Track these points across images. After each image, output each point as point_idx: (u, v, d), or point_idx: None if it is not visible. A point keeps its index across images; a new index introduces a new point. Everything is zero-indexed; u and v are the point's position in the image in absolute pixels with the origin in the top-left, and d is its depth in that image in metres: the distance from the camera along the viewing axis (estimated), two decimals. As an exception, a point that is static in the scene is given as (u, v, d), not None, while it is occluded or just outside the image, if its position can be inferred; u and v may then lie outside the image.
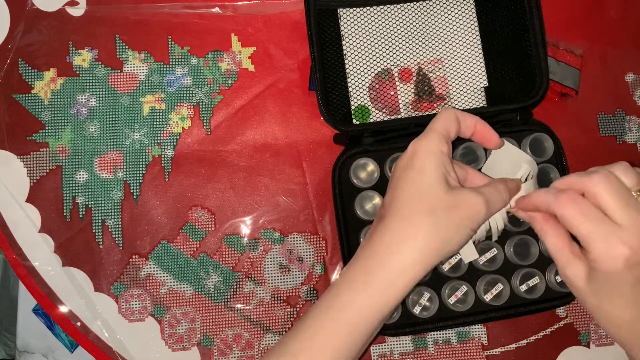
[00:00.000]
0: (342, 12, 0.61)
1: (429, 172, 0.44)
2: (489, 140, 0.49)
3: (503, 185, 0.47)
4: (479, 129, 0.48)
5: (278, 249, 0.60)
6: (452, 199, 0.43)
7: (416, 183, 0.44)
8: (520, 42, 0.60)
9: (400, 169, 0.45)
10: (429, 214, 0.43)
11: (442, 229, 0.43)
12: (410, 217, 0.43)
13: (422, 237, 0.42)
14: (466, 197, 0.44)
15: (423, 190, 0.43)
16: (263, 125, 0.62)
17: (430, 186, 0.43)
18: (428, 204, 0.43)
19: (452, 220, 0.43)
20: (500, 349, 0.61)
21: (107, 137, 0.60)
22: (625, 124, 0.66)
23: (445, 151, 0.45)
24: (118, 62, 0.61)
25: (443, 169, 0.44)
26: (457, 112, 0.47)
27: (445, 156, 0.45)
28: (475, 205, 0.44)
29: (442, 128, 0.46)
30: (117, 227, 0.59)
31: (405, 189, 0.44)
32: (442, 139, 0.45)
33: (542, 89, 0.58)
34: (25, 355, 0.65)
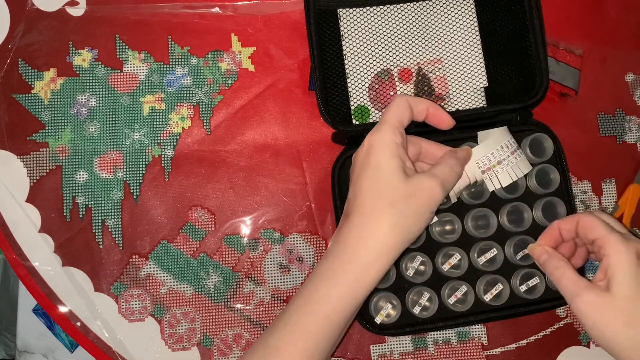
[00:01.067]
0: (341, 13, 0.61)
1: (384, 166, 0.47)
2: (442, 121, 0.51)
3: (454, 160, 0.50)
4: (432, 112, 0.51)
5: (278, 249, 0.60)
6: (409, 188, 0.46)
7: (374, 178, 0.47)
8: (520, 42, 0.60)
9: (359, 166, 0.48)
10: (389, 207, 0.46)
11: (403, 219, 0.46)
12: (372, 213, 0.46)
13: (385, 230, 0.46)
14: (421, 183, 0.47)
15: (381, 186, 0.46)
16: (263, 125, 0.62)
17: (387, 180, 0.46)
18: (387, 198, 0.46)
19: (411, 208, 0.46)
20: (500, 349, 0.61)
21: (107, 137, 0.60)
22: (625, 124, 0.66)
23: (399, 142, 0.48)
24: (118, 62, 0.61)
25: (398, 160, 0.47)
26: (409, 99, 0.50)
27: (399, 147, 0.47)
28: (431, 189, 0.47)
29: (394, 119, 0.48)
30: (117, 227, 0.59)
31: (365, 185, 0.47)
32: (396, 130, 0.48)
33: (542, 89, 0.58)
34: (25, 355, 0.65)
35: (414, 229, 0.47)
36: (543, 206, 0.59)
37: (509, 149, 0.54)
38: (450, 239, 0.58)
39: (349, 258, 0.46)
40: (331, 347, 0.47)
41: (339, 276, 0.46)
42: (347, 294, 0.46)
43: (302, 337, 0.46)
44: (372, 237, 0.46)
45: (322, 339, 0.46)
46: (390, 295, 0.57)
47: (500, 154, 0.54)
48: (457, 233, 0.58)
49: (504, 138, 0.55)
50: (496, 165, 0.54)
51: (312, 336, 0.46)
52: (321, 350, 0.46)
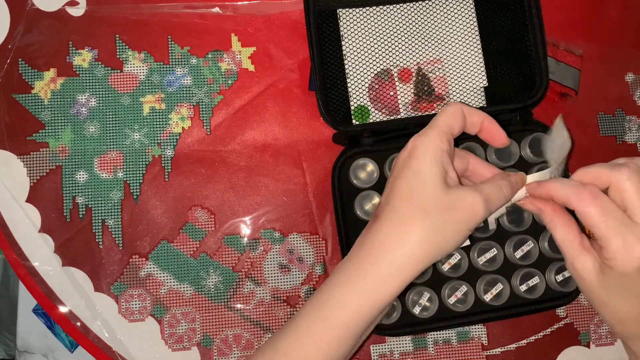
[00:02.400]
0: (341, 13, 0.61)
1: (425, 172, 0.43)
2: (496, 138, 0.47)
3: (505, 181, 0.45)
4: (486, 126, 0.46)
5: (278, 249, 0.60)
6: (449, 199, 0.42)
7: (412, 184, 0.43)
8: (520, 42, 0.60)
9: (399, 167, 0.44)
10: (423, 216, 0.42)
11: (437, 232, 0.42)
12: (404, 219, 0.42)
13: (416, 240, 0.42)
14: (463, 197, 0.42)
15: (418, 192, 0.42)
16: (263, 125, 0.62)
17: (425, 188, 0.42)
18: (423, 206, 0.42)
19: (448, 221, 0.42)
20: (500, 349, 0.61)
21: (107, 137, 0.60)
22: (625, 124, 0.66)
23: (445, 149, 0.43)
24: (118, 62, 0.61)
25: (441, 168, 0.43)
26: (464, 107, 0.45)
27: (444, 155, 0.43)
28: (473, 205, 0.42)
29: (445, 124, 0.44)
30: (117, 227, 0.59)
31: (401, 189, 0.43)
32: (444, 136, 0.44)
33: (542, 89, 0.58)
34: (25, 355, 0.65)
35: (447, 245, 0.43)
36: None
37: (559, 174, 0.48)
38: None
39: (371, 265, 0.42)
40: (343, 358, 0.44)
41: (358, 283, 0.42)
42: (365, 303, 0.42)
43: (313, 345, 0.42)
44: (400, 246, 0.42)
45: (334, 348, 0.42)
46: (390, 295, 0.57)
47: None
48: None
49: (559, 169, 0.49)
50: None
51: (324, 344, 0.42)
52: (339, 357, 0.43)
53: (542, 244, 0.58)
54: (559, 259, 0.58)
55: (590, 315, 0.62)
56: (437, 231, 0.42)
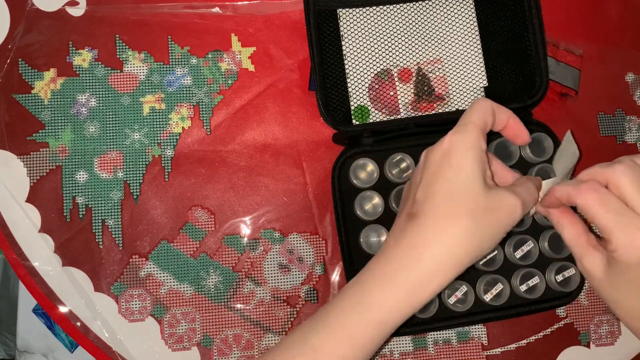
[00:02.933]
0: (341, 13, 0.61)
1: (467, 171, 0.42)
2: (519, 136, 0.47)
3: (532, 184, 0.46)
4: (511, 124, 0.46)
5: (278, 249, 0.60)
6: (490, 200, 0.42)
7: (453, 183, 0.42)
8: (520, 42, 0.60)
9: (436, 164, 0.43)
10: (467, 216, 0.41)
11: (479, 232, 0.41)
12: (446, 219, 0.41)
13: (459, 240, 0.41)
14: (504, 198, 0.42)
15: (461, 191, 0.42)
16: (263, 125, 0.62)
17: (468, 187, 0.42)
18: (466, 205, 0.41)
19: (490, 222, 0.42)
20: (500, 349, 0.61)
21: (107, 137, 0.60)
22: (625, 124, 0.66)
23: (484, 147, 0.43)
24: (118, 62, 0.61)
25: (482, 167, 0.42)
26: (493, 104, 0.45)
27: (483, 153, 0.43)
28: (513, 207, 0.42)
29: (480, 120, 0.43)
30: (117, 227, 0.59)
31: (441, 187, 0.42)
32: (481, 133, 0.43)
33: (542, 89, 0.58)
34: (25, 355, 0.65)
35: (487, 246, 0.42)
36: None
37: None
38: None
39: (413, 264, 0.41)
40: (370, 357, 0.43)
41: (398, 283, 0.42)
42: (404, 303, 0.42)
43: (346, 343, 0.42)
44: (443, 244, 0.41)
45: (366, 348, 0.42)
46: (390, 295, 0.57)
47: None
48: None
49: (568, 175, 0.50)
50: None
51: (358, 343, 0.42)
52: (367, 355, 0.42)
53: (542, 244, 0.58)
54: (559, 259, 0.58)
55: (590, 315, 0.62)
56: (479, 232, 0.41)
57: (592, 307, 0.63)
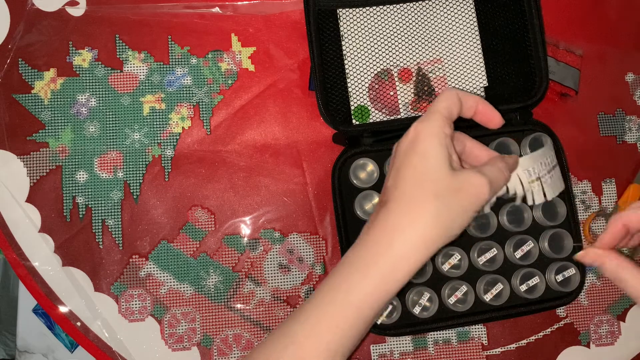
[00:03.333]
0: (341, 12, 0.61)
1: (432, 156, 0.43)
2: (491, 120, 0.48)
3: (503, 163, 0.47)
4: (481, 109, 0.48)
5: (278, 249, 0.60)
6: (456, 181, 0.43)
7: (419, 168, 0.43)
8: (520, 42, 0.60)
9: (403, 153, 0.45)
10: (433, 198, 0.42)
11: (446, 212, 0.43)
12: (414, 202, 0.43)
13: (427, 222, 0.42)
14: (470, 178, 0.43)
15: (427, 175, 0.43)
16: (263, 125, 0.62)
17: (434, 170, 0.43)
18: (432, 188, 0.43)
19: (457, 203, 0.43)
20: (500, 349, 0.61)
21: (107, 137, 0.60)
22: (625, 124, 0.66)
23: (449, 133, 0.44)
24: (118, 62, 0.61)
25: (446, 152, 0.44)
26: (459, 92, 0.47)
27: (448, 138, 0.44)
28: (479, 187, 0.43)
29: (444, 109, 0.45)
30: (117, 227, 0.59)
31: (408, 173, 0.44)
32: (445, 120, 0.45)
33: (542, 89, 0.58)
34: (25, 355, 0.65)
35: (456, 225, 0.43)
36: (543, 206, 0.59)
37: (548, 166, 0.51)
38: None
39: (385, 248, 0.43)
40: (354, 344, 0.44)
41: (372, 266, 0.43)
42: (380, 286, 0.43)
43: (328, 330, 0.42)
44: (412, 227, 0.42)
45: (348, 333, 0.43)
46: (390, 295, 0.57)
47: (540, 169, 0.50)
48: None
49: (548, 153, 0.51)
50: (535, 180, 0.50)
51: (339, 329, 0.42)
52: (345, 345, 0.43)
53: (542, 244, 0.58)
54: (559, 259, 0.58)
55: (590, 315, 0.62)
56: (447, 213, 0.43)
57: (592, 307, 0.63)
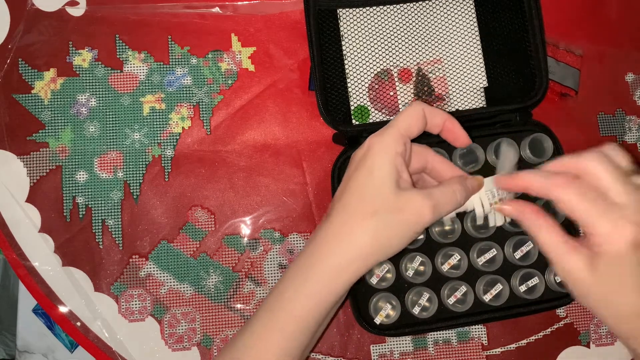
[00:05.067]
0: (341, 12, 0.61)
1: (378, 172, 0.44)
2: (458, 138, 0.48)
3: (459, 186, 0.46)
4: (448, 127, 0.47)
5: (278, 249, 0.60)
6: (398, 201, 0.43)
7: (364, 183, 0.44)
8: (520, 42, 0.60)
9: (355, 164, 0.45)
10: (372, 215, 0.43)
11: (384, 230, 0.43)
12: (353, 217, 0.44)
13: (364, 237, 0.43)
14: (412, 200, 0.43)
15: (370, 191, 0.44)
16: (263, 125, 0.62)
17: (377, 187, 0.43)
18: (373, 205, 0.43)
19: (396, 223, 0.43)
20: (500, 349, 0.61)
21: (107, 137, 0.60)
22: (625, 124, 0.66)
23: (400, 150, 0.44)
24: (118, 62, 0.61)
25: (394, 170, 0.44)
26: (426, 108, 0.46)
27: (398, 156, 0.44)
28: (421, 209, 0.43)
29: (403, 125, 0.45)
30: (117, 227, 0.59)
31: (353, 186, 0.45)
32: (400, 138, 0.45)
33: (542, 89, 0.58)
34: (25, 355, 0.65)
35: (394, 243, 0.44)
36: (543, 206, 0.59)
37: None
38: (449, 239, 0.58)
39: (321, 258, 0.44)
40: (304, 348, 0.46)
41: (309, 276, 0.44)
42: (315, 297, 0.44)
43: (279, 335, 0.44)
44: (349, 240, 0.43)
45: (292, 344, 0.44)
46: (389, 295, 0.57)
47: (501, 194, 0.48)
48: (456, 233, 0.58)
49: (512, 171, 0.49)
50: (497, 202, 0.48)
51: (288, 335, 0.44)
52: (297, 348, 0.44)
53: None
54: (558, 259, 0.58)
55: (590, 315, 0.62)
56: (384, 231, 0.43)
57: (592, 307, 0.63)
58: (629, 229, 0.38)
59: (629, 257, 0.38)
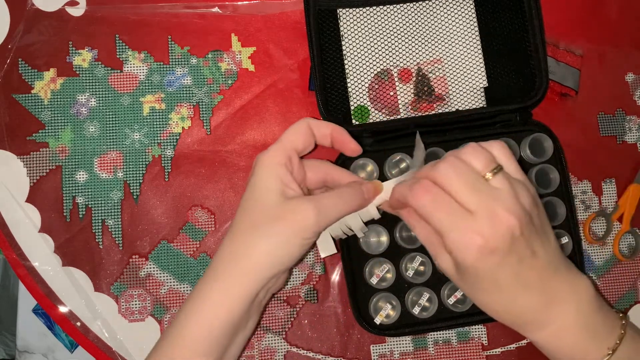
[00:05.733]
0: (341, 12, 0.61)
1: (259, 186, 0.45)
2: (347, 147, 0.50)
3: (350, 190, 0.47)
4: (336, 137, 0.49)
5: (278, 249, 0.60)
6: (280, 210, 0.44)
7: (247, 198, 0.46)
8: (520, 42, 0.60)
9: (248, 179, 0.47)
10: (251, 228, 0.44)
11: (266, 243, 0.44)
12: (238, 233, 0.45)
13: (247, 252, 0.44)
14: (294, 207, 0.44)
15: (252, 205, 0.45)
16: (263, 125, 0.62)
17: (258, 201, 0.45)
18: (253, 219, 0.44)
19: (277, 232, 0.44)
20: (500, 349, 0.61)
21: (107, 137, 0.60)
22: (625, 124, 0.66)
23: (283, 163, 0.46)
24: (118, 62, 0.61)
25: (276, 181, 0.45)
26: (311, 122, 0.48)
27: (281, 168, 0.45)
28: (302, 213, 0.44)
29: (287, 140, 0.47)
30: (117, 227, 0.59)
31: (241, 203, 0.46)
32: (283, 152, 0.46)
33: (542, 89, 0.58)
34: (25, 355, 0.65)
35: (281, 253, 0.44)
36: None
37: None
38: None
39: (213, 277, 0.45)
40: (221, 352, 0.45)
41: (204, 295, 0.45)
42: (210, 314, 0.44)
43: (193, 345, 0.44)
44: (235, 258, 0.44)
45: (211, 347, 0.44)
46: (389, 295, 0.57)
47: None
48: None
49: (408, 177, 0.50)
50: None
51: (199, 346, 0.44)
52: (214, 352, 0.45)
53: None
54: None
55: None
56: (267, 242, 0.44)
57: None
58: (473, 240, 0.39)
59: (479, 264, 0.40)
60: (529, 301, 0.43)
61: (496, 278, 0.41)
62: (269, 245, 0.44)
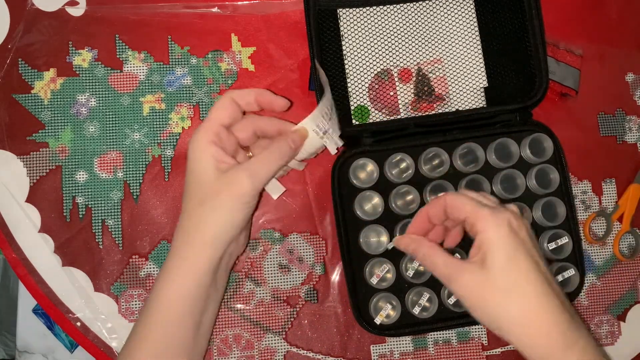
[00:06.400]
0: (341, 12, 0.61)
1: (195, 167, 0.48)
2: (275, 105, 0.52)
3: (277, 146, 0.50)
4: (261, 100, 0.51)
5: (278, 249, 0.60)
6: (218, 184, 0.47)
7: (188, 180, 0.49)
8: (520, 42, 0.60)
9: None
10: (197, 205, 0.48)
11: (213, 215, 0.47)
12: (188, 211, 0.49)
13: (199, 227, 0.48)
14: (230, 176, 0.47)
15: (192, 186, 0.49)
16: (263, 125, 0.62)
17: (197, 180, 0.48)
18: (197, 197, 0.48)
19: (221, 204, 0.47)
20: (500, 349, 0.61)
21: (107, 137, 0.60)
22: (625, 124, 0.66)
23: (212, 140, 0.48)
24: (118, 62, 0.61)
25: (209, 158, 0.48)
26: (234, 95, 0.50)
27: (211, 145, 0.48)
28: (237, 182, 0.47)
29: (212, 117, 0.49)
30: (117, 227, 0.59)
31: (186, 185, 0.49)
32: (209, 129, 0.49)
33: (542, 89, 0.58)
34: (25, 355, 0.65)
35: (230, 220, 0.48)
36: (543, 206, 0.59)
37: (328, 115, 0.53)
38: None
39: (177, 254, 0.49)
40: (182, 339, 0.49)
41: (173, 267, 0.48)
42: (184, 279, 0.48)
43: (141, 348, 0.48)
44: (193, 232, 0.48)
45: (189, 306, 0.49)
46: (390, 295, 0.57)
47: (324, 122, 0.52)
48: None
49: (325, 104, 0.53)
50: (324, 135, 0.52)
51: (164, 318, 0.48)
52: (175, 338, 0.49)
53: (541, 245, 0.58)
54: (557, 259, 0.58)
55: (590, 315, 0.62)
56: (213, 214, 0.48)
57: (592, 307, 0.63)
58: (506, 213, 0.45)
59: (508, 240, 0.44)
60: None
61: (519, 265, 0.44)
62: (218, 217, 0.48)
